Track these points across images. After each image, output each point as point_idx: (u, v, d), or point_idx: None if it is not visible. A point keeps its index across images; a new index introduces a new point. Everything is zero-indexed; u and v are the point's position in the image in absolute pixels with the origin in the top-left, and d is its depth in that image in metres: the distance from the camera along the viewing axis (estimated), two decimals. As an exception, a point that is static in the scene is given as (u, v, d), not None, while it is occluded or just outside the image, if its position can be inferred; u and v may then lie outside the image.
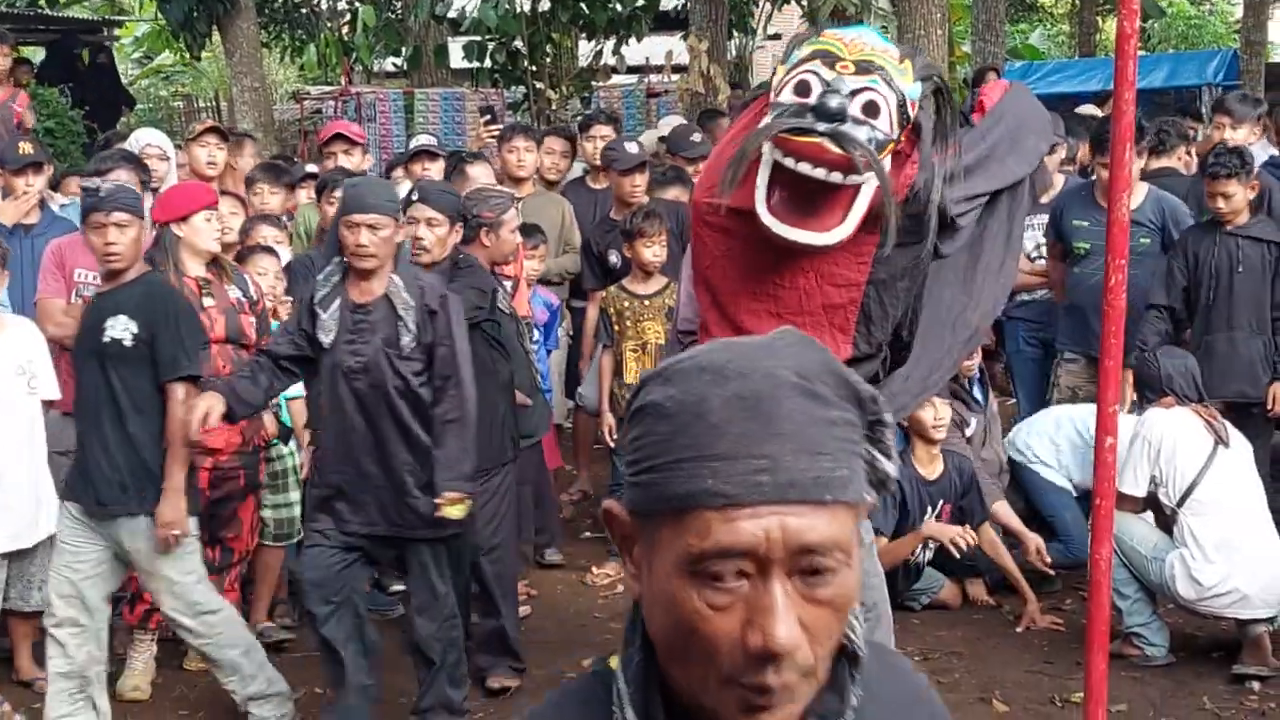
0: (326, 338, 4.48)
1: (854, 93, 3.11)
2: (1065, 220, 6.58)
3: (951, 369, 4.04)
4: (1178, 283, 6.17)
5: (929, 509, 5.80)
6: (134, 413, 4.51)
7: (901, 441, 5.96)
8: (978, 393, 6.42)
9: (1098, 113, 8.14)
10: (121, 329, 4.51)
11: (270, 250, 5.85)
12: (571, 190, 7.88)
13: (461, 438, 4.50)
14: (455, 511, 4.52)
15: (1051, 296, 6.94)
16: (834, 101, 3.05)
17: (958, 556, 5.72)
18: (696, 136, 7.53)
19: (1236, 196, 6.04)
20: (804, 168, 3.08)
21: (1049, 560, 5.91)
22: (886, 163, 3.18)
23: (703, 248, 3.50)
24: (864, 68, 3.14)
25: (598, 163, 7.53)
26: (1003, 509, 6.03)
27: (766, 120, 3.13)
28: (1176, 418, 5.37)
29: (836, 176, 3.09)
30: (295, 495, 5.80)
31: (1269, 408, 6.04)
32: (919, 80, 3.28)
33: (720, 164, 3.39)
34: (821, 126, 3.03)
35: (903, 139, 3.28)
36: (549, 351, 6.83)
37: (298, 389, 5.79)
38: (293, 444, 5.82)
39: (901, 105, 3.20)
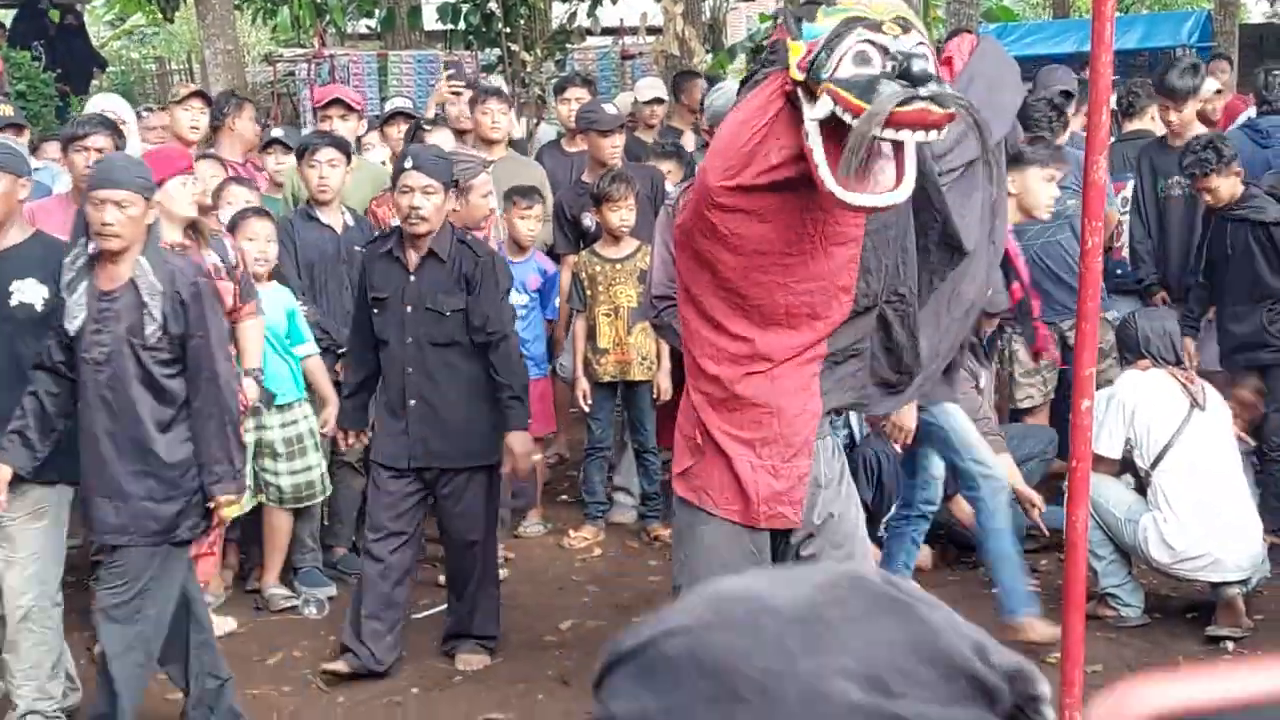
0: (72, 325, 4.15)
1: (919, 51, 3.10)
2: None
3: (954, 347, 4.00)
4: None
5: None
6: None
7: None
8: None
9: (1070, 74, 8.09)
10: (31, 293, 4.43)
11: (264, 213, 5.76)
12: (546, 153, 7.84)
13: (221, 435, 4.23)
14: (231, 512, 4.51)
15: None
16: (918, 66, 3.01)
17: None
18: (609, 108, 7.30)
19: (1221, 189, 6.11)
20: (905, 135, 3.05)
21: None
22: None
23: (705, 228, 3.43)
24: (903, 25, 3.13)
25: (573, 125, 7.48)
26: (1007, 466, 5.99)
27: (856, 98, 3.04)
28: (1151, 380, 5.39)
29: (935, 135, 3.08)
30: (314, 458, 5.74)
31: None
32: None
33: (735, 148, 3.32)
34: (924, 91, 3.00)
35: None
36: (549, 320, 6.78)
37: (311, 347, 5.77)
38: (307, 406, 5.78)
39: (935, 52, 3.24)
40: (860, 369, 3.62)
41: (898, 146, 3.10)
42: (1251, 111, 7.66)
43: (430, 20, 14.60)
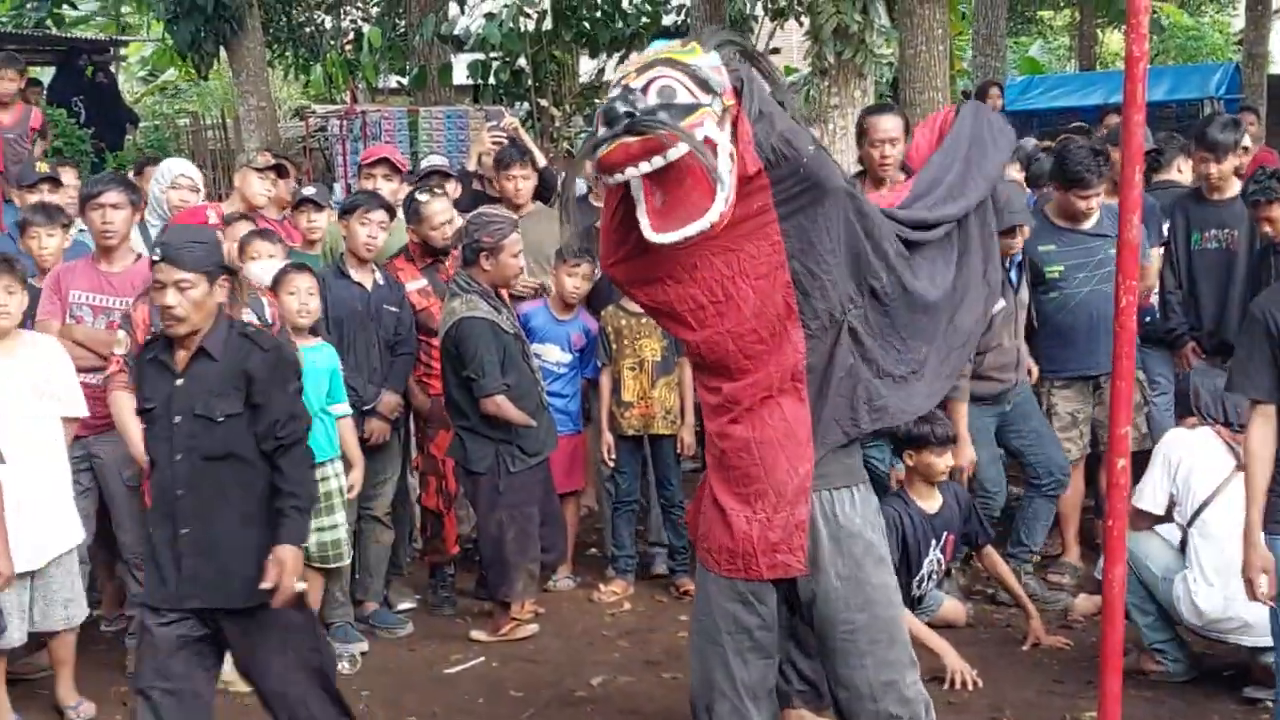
0: None
1: (644, 89, 3.18)
2: (1030, 248, 6.57)
3: (954, 372, 4.02)
4: None
5: (932, 542, 5.79)
6: None
7: (892, 456, 5.98)
8: (1014, 275, 6.33)
9: (1082, 141, 8.13)
10: None
11: (305, 267, 5.75)
12: (578, 207, 7.90)
13: None
14: None
15: None
16: (619, 107, 3.12)
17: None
18: None
19: None
20: (629, 172, 3.14)
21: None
22: (711, 126, 3.20)
23: (644, 304, 3.61)
24: (644, 68, 3.23)
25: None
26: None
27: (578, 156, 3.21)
28: (1197, 437, 5.36)
29: (658, 161, 3.13)
30: (340, 517, 5.71)
31: None
32: (714, 50, 3.33)
33: (606, 230, 3.53)
34: (617, 128, 3.09)
35: (730, 102, 3.29)
36: (587, 379, 6.76)
37: (346, 408, 5.81)
38: (339, 464, 5.81)
39: (697, 76, 3.23)
40: (848, 386, 3.60)
41: (696, 172, 3.17)
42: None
43: (461, 76, 14.73)
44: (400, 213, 6.55)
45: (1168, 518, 5.38)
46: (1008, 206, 5.85)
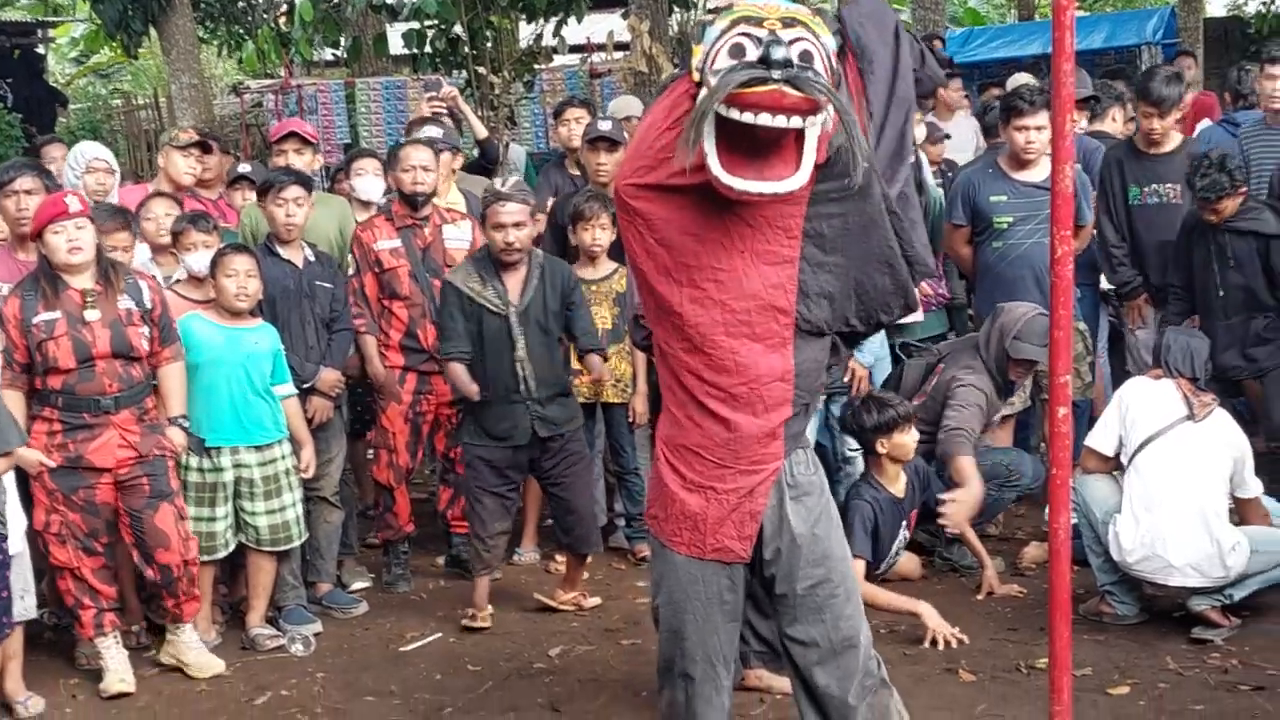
0: None
1: (790, 43, 3.13)
2: (981, 198, 6.59)
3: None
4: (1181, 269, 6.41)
5: (902, 524, 5.83)
6: None
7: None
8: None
9: (1031, 79, 8.13)
10: None
11: (244, 249, 5.74)
12: (550, 174, 7.80)
13: None
14: None
15: None
16: (779, 52, 3.06)
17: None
18: (604, 124, 7.24)
19: (1229, 209, 6.15)
20: (764, 119, 3.08)
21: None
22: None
23: (635, 239, 3.48)
24: (789, 22, 3.18)
25: (574, 145, 7.43)
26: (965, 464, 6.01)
27: (715, 81, 3.12)
28: (1156, 386, 5.41)
29: (797, 121, 3.10)
30: (288, 498, 5.70)
31: None
32: (833, 34, 3.31)
33: (645, 148, 3.39)
34: (776, 74, 3.03)
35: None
36: None
37: (290, 389, 5.75)
38: (286, 446, 5.75)
39: (827, 56, 3.24)
40: (816, 371, 3.61)
41: (798, 136, 3.13)
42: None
43: (396, 46, 14.55)
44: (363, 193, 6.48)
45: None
46: (1027, 337, 5.98)
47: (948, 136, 8.10)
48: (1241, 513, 5.41)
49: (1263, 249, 6.18)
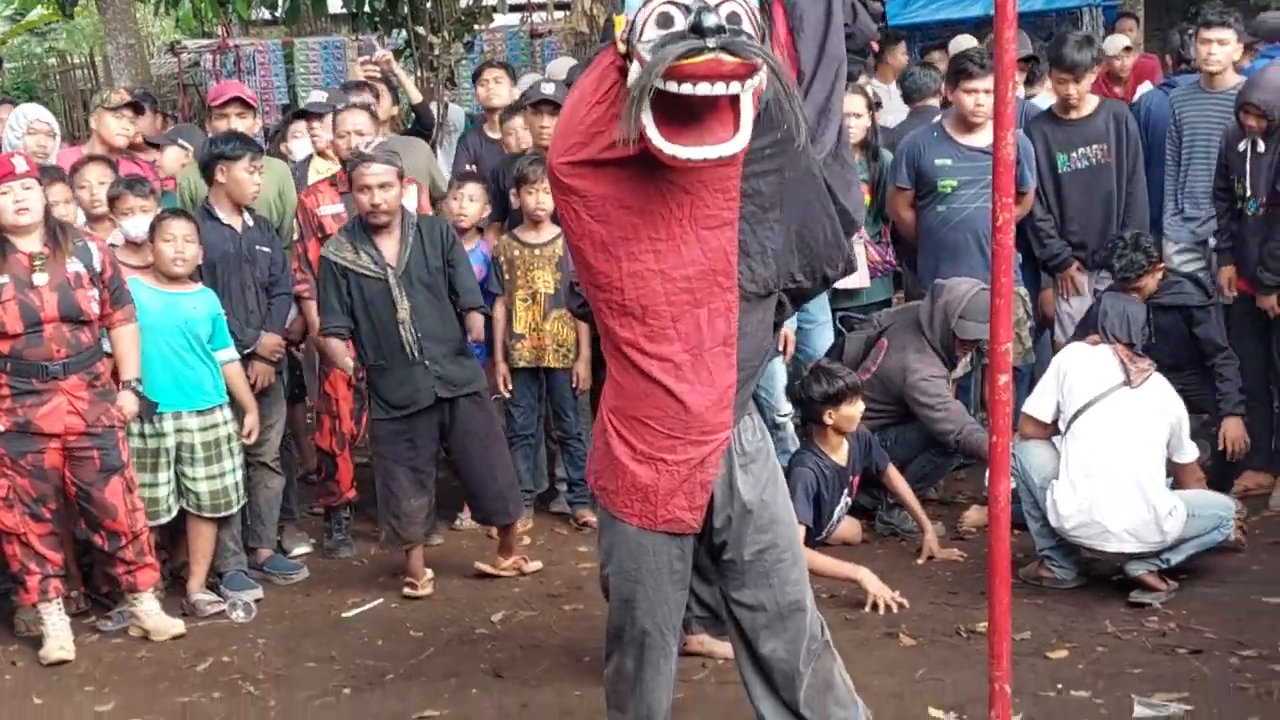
0: None
1: (716, 6, 3.09)
2: (926, 161, 6.58)
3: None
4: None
5: (844, 490, 5.85)
6: None
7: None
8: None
9: (974, 42, 8.13)
10: None
11: (183, 213, 5.69)
12: (471, 137, 7.76)
13: None
14: None
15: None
16: (710, 19, 3.02)
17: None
18: (547, 86, 7.18)
19: (1150, 285, 6.15)
20: (703, 88, 3.04)
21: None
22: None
23: (571, 217, 3.41)
24: None
25: (492, 105, 7.34)
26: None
27: (649, 56, 3.07)
28: (1095, 353, 5.44)
29: (736, 87, 3.06)
30: (229, 464, 5.67)
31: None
32: None
33: (575, 123, 3.32)
34: (711, 42, 3.00)
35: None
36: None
37: (232, 353, 5.70)
38: (227, 411, 5.70)
39: (752, 12, 3.20)
40: (764, 336, 3.59)
41: (733, 101, 3.10)
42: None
43: (336, 4, 14.36)
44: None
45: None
46: (972, 316, 5.97)
47: (879, 105, 8.06)
48: (1178, 477, 5.47)
49: (1184, 320, 6.23)
